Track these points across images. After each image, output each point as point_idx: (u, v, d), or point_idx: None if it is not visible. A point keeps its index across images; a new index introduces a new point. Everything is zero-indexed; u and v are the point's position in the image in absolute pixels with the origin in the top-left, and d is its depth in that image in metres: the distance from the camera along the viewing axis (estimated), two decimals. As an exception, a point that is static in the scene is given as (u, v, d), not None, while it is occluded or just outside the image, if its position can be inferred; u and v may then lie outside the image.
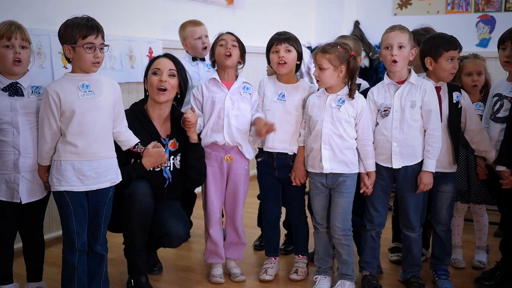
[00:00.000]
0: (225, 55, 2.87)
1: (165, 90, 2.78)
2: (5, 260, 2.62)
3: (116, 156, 2.57)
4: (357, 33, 5.93)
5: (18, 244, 2.71)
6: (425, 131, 2.72)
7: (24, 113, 2.46)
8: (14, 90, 2.46)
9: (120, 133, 2.61)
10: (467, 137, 2.89)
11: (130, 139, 2.66)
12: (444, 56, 2.76)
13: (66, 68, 3.37)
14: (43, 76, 3.16)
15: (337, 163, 2.73)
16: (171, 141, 2.84)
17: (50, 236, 3.38)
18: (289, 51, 2.84)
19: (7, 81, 2.46)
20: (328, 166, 2.73)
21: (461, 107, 2.82)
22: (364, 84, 3.18)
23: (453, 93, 2.80)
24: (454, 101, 2.80)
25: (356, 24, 6.20)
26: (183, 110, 2.95)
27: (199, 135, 2.88)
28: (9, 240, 2.60)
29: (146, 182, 2.73)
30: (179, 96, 2.90)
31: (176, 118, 2.87)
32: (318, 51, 2.72)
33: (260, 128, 2.82)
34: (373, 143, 2.77)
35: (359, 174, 2.79)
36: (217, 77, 2.92)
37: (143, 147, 2.69)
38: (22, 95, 2.47)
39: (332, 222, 2.80)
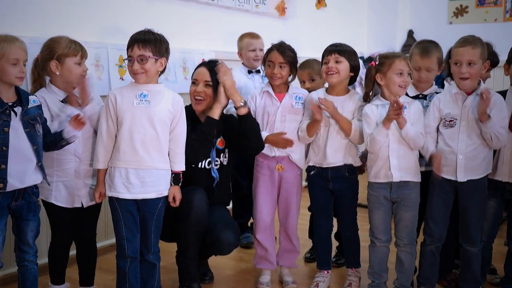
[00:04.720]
0: (272, 78, 2.90)
1: (202, 100, 2.83)
2: (61, 262, 2.71)
3: (170, 169, 2.56)
4: (411, 42, 5.83)
5: (72, 251, 2.78)
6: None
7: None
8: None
9: (171, 151, 2.56)
10: None
11: (176, 164, 2.56)
12: None
13: (123, 80, 3.47)
14: (101, 88, 3.27)
15: (404, 171, 2.67)
16: (219, 139, 2.88)
17: (106, 243, 3.46)
18: (339, 61, 2.79)
19: (63, 93, 2.55)
20: (398, 174, 2.67)
21: None
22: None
23: None
24: None
25: (410, 33, 6.10)
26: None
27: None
28: (65, 242, 2.70)
29: (202, 190, 2.76)
30: None
31: (222, 117, 2.87)
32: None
33: (278, 140, 2.86)
34: None
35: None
36: (270, 90, 2.95)
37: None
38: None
39: (399, 234, 2.75)
